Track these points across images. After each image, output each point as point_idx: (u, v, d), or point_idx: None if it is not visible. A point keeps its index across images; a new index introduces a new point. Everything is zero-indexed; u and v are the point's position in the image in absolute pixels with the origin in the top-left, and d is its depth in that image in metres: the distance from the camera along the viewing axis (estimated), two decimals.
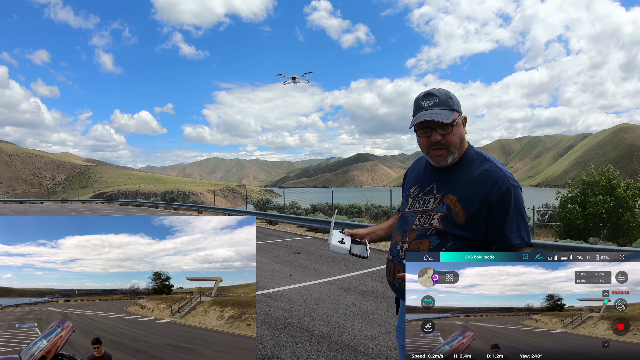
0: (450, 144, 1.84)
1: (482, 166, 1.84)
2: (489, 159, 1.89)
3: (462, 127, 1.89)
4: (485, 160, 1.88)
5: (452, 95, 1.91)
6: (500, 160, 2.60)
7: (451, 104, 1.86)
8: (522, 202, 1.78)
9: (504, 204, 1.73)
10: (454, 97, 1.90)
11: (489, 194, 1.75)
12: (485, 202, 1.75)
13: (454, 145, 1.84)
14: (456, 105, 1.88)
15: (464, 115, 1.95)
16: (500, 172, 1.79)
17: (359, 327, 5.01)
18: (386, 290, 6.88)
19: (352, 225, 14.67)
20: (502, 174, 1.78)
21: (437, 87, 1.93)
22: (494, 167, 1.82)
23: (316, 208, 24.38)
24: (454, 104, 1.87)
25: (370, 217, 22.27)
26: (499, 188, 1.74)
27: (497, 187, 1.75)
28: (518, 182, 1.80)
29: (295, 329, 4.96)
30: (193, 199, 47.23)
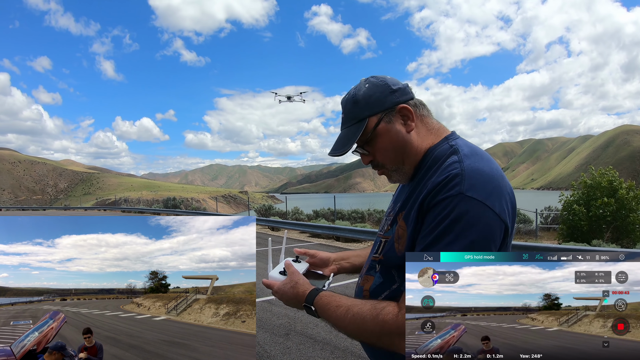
0: (383, 162, 1.36)
1: (443, 165, 1.26)
2: (460, 153, 1.26)
3: (393, 131, 1.32)
4: (453, 154, 1.27)
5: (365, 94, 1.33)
6: (502, 164, 2.15)
7: (357, 113, 1.33)
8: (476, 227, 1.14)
9: (434, 217, 1.17)
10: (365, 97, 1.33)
11: (423, 202, 1.22)
12: (420, 214, 1.23)
13: (389, 162, 1.35)
14: (368, 108, 1.32)
15: (403, 106, 1.33)
16: (457, 170, 1.19)
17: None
18: None
19: (353, 230, 14.61)
20: (456, 174, 1.18)
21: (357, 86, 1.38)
22: (454, 163, 1.23)
23: (319, 214, 24.43)
24: (363, 107, 1.33)
25: (373, 222, 22.28)
26: (438, 192, 1.18)
27: (436, 190, 1.18)
28: (488, 195, 1.16)
29: (298, 335, 4.95)
30: (195, 206, 47.37)
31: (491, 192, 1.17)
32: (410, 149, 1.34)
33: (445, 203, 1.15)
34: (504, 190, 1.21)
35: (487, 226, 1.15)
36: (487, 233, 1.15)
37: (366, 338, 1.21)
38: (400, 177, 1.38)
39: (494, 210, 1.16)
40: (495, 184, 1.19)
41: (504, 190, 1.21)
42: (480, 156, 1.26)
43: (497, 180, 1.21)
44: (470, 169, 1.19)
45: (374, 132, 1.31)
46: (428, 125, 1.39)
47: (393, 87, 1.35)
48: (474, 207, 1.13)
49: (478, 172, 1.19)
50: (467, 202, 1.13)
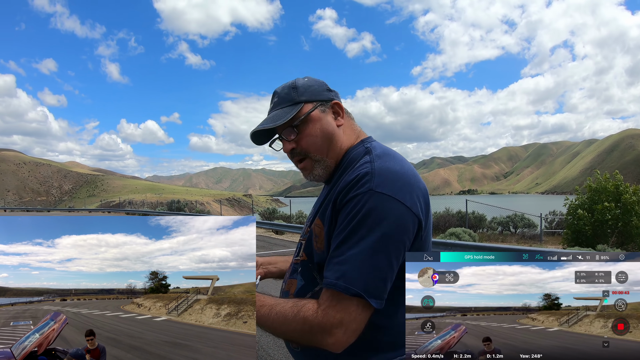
0: (308, 149, 1.36)
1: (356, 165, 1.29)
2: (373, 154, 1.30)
3: (325, 120, 1.36)
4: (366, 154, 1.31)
5: (304, 83, 1.38)
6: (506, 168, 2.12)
7: (294, 96, 1.35)
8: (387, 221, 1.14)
9: (346, 214, 1.19)
10: (304, 85, 1.38)
11: (336, 200, 1.25)
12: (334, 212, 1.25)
13: (314, 149, 1.36)
14: (307, 94, 1.36)
15: (336, 102, 1.40)
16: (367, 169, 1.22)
17: None
18: None
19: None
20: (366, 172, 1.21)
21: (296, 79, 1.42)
22: (366, 163, 1.26)
23: None
24: (301, 93, 1.36)
25: None
26: (349, 190, 1.20)
27: (347, 188, 1.21)
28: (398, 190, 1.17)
29: None
30: (199, 209, 47.44)
31: (401, 187, 1.19)
32: (336, 142, 1.38)
33: (356, 200, 1.17)
34: (415, 187, 1.24)
35: (398, 219, 1.17)
36: (399, 226, 1.17)
37: (290, 335, 1.22)
38: (322, 170, 1.39)
39: (405, 203, 1.18)
40: (406, 181, 1.22)
41: (415, 187, 1.24)
42: (392, 157, 1.30)
43: (408, 177, 1.23)
44: (380, 167, 1.22)
45: (307, 117, 1.34)
46: (352, 127, 1.46)
47: (329, 88, 1.43)
48: (384, 201, 1.16)
49: (388, 170, 1.22)
50: (377, 197, 1.16)
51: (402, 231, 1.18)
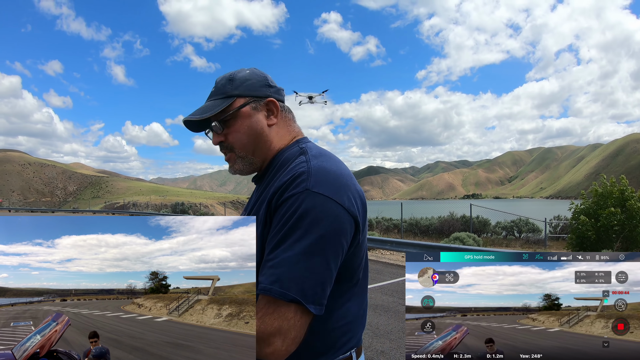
0: (233, 145, 1.34)
1: (290, 165, 1.25)
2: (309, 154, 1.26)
3: (255, 118, 1.32)
4: (301, 155, 1.27)
5: (242, 76, 1.34)
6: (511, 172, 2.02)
7: (229, 89, 1.32)
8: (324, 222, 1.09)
9: (281, 215, 1.13)
10: (241, 78, 1.33)
11: (270, 201, 1.19)
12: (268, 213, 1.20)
13: (239, 146, 1.33)
14: (241, 88, 1.32)
15: (272, 100, 1.35)
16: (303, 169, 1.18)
17: (369, 342, 4.98)
18: (397, 305, 6.84)
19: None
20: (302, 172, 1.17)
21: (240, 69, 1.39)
22: (301, 163, 1.22)
23: None
24: (236, 86, 1.32)
25: (380, 230, 22.20)
26: (284, 190, 1.16)
27: (283, 189, 1.16)
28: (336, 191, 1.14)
29: None
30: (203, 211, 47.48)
31: (338, 188, 1.15)
32: (265, 142, 1.33)
33: (292, 200, 1.12)
34: (352, 188, 1.20)
35: (336, 220, 1.11)
36: (337, 227, 1.12)
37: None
38: (246, 166, 1.36)
39: (342, 205, 1.13)
40: (343, 182, 1.18)
41: (352, 188, 1.20)
42: (328, 157, 1.26)
43: (345, 178, 1.19)
44: (316, 167, 1.18)
45: (237, 113, 1.30)
46: (289, 128, 1.41)
47: (270, 83, 1.37)
48: (321, 202, 1.11)
49: (325, 170, 1.18)
50: (313, 197, 1.11)
51: (340, 233, 1.12)
